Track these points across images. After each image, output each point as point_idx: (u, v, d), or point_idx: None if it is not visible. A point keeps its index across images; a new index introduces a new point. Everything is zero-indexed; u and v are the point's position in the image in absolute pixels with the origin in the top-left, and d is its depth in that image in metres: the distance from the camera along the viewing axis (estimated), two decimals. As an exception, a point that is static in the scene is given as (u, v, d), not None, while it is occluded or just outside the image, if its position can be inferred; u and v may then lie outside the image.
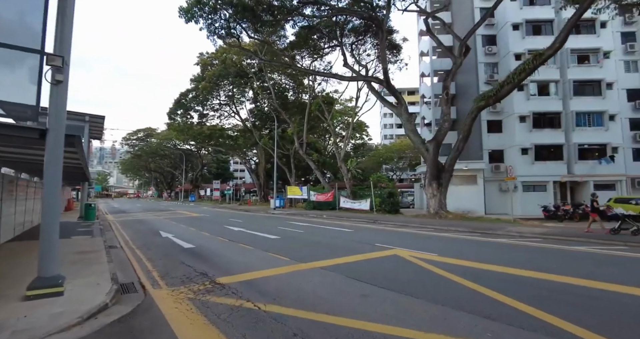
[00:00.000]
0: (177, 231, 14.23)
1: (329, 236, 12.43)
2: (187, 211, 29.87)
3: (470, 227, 15.14)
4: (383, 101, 24.71)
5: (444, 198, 20.63)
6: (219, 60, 37.48)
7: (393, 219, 19.50)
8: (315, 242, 10.84)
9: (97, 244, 10.06)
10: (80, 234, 12.32)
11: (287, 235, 12.65)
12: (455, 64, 21.15)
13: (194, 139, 49.54)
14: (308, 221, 19.35)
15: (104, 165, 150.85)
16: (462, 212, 23.05)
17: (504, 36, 30.24)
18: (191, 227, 15.75)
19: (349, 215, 23.13)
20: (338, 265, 7.35)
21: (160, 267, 7.36)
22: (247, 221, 19.65)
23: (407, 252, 8.91)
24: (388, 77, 22.19)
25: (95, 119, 20.59)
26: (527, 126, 28.43)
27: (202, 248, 9.81)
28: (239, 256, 8.47)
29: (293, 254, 8.65)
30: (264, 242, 10.79)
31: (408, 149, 55.16)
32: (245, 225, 16.79)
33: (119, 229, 15.38)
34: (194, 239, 11.85)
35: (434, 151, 20.33)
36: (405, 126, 22.74)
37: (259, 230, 14.34)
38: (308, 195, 31.92)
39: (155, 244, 10.86)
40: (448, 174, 20.60)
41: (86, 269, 6.47)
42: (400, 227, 15.78)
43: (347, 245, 10.21)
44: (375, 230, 14.81)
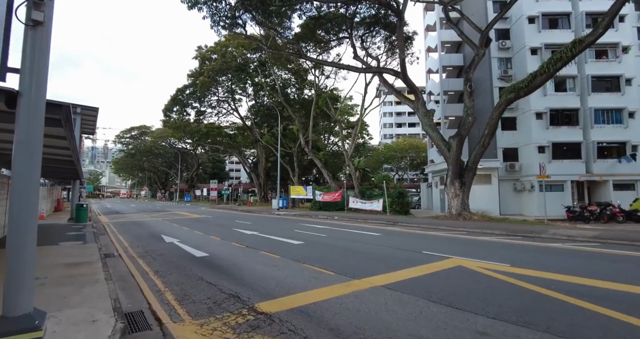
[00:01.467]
0: (182, 235, 12.54)
1: (359, 241, 10.85)
2: (186, 212, 28.07)
3: (507, 229, 13.68)
4: (398, 94, 23.24)
5: (466, 198, 19.21)
6: (218, 54, 35.70)
7: (413, 221, 17.99)
8: (350, 250, 9.26)
9: (91, 252, 8.36)
10: (70, 240, 10.57)
11: (311, 240, 11.04)
12: (477, 55, 19.75)
13: (191, 137, 47.63)
14: (322, 223, 17.75)
15: (96, 165, 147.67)
16: (481, 212, 21.68)
17: (519, 30, 28.99)
18: (196, 231, 14.05)
19: (361, 216, 21.59)
20: (404, 282, 5.78)
21: (174, 285, 5.72)
22: (255, 223, 17.99)
23: (470, 262, 7.38)
24: (405, 69, 20.72)
25: (88, 112, 18.75)
26: (543, 123, 27.22)
27: (218, 257, 8.17)
28: (269, 269, 6.85)
29: (335, 265, 7.06)
30: (290, 250, 9.18)
31: (410, 149, 53.97)
32: (256, 228, 15.14)
33: (115, 233, 13.63)
34: (204, 245, 10.19)
35: (457, 147, 18.89)
36: (423, 122, 21.28)
37: (275, 234, 12.72)
38: (313, 195, 30.32)
39: (160, 251, 9.19)
40: (471, 172, 19.19)
41: (77, 293, 4.79)
42: (429, 230, 14.26)
43: (391, 253, 8.64)
44: (404, 233, 13.27)
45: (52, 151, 7.35)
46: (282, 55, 27.82)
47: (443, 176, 29.36)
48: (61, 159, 8.83)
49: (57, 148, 6.77)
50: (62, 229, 13.69)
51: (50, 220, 19.24)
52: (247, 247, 9.64)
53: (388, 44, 27.83)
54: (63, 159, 8.81)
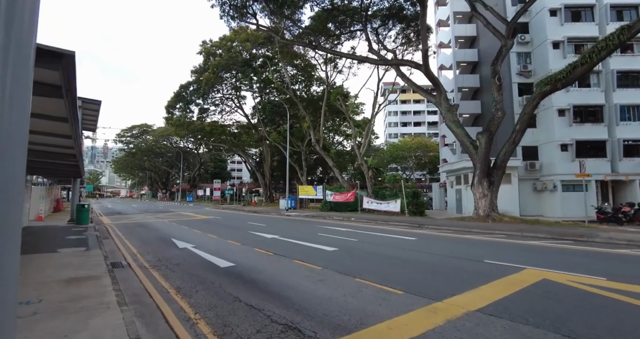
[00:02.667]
0: (195, 239, 11.24)
1: (399, 248, 9.56)
2: (192, 213, 26.76)
3: (549, 232, 12.39)
4: (418, 88, 21.94)
5: (495, 199, 17.95)
6: (223, 49, 34.38)
7: (439, 223, 16.70)
8: (396, 259, 7.97)
9: (96, 261, 7.07)
10: (70, 245, 9.27)
11: (344, 246, 9.75)
12: (505, 47, 18.49)
13: (194, 136, 46.32)
14: (341, 225, 16.46)
15: (96, 164, 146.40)
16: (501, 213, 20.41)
17: (540, 23, 27.73)
18: (210, 234, 12.75)
19: (379, 218, 20.30)
20: (498, 304, 4.50)
21: (205, 309, 4.43)
22: (270, 225, 16.69)
23: (553, 274, 6.10)
24: (427, 61, 19.47)
25: (90, 105, 17.45)
26: (566, 120, 25.97)
27: (247, 268, 6.88)
28: (317, 285, 5.56)
29: (396, 281, 5.78)
30: (327, 258, 7.89)
31: (419, 148, 52.65)
32: (273, 230, 13.85)
33: (120, 237, 12.33)
34: (224, 251, 8.90)
35: (486, 144, 17.61)
36: (447, 117, 20.01)
37: (297, 237, 11.43)
38: (324, 195, 29.01)
39: (175, 260, 7.90)
40: (500, 171, 17.93)
41: (83, 328, 3.49)
42: (464, 234, 12.96)
43: (450, 264, 7.35)
44: (441, 238, 11.98)
45: (48, 141, 6.07)
46: (295, 46, 26.50)
47: (460, 175, 28.15)
48: (60, 152, 7.55)
49: (54, 136, 5.48)
50: (61, 233, 12.38)
51: (49, 221, 17.94)
52: (275, 255, 8.35)
53: (404, 37, 26.56)
54: (62, 152, 7.53)
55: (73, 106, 3.62)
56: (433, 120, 78.93)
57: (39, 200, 19.84)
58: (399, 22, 25.37)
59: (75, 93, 3.37)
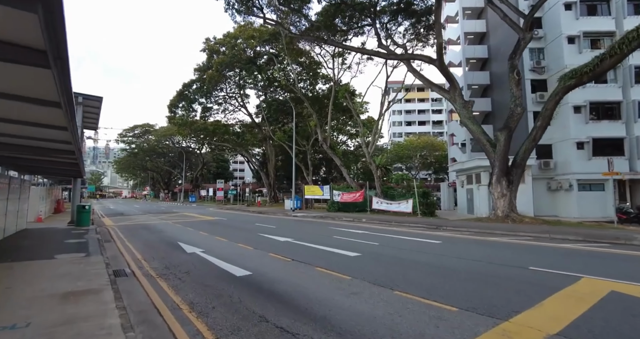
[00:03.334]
0: (203, 243, 10.49)
1: (428, 253, 8.77)
2: (196, 214, 26.02)
3: (579, 234, 11.57)
4: (430, 84, 21.15)
5: (514, 199, 17.13)
6: (227, 46, 33.65)
7: (457, 225, 15.89)
8: (430, 266, 7.19)
9: (96, 270, 6.32)
10: (69, 250, 8.52)
11: (366, 250, 8.96)
12: (523, 40, 17.68)
13: (197, 135, 45.63)
14: (355, 227, 15.68)
15: (98, 165, 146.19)
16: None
17: (554, 17, 26.86)
18: (218, 237, 12.00)
19: (390, 218, 19.51)
20: (576, 326, 3.72)
21: (228, 333, 3.66)
22: (280, 226, 15.93)
23: (619, 285, 5.32)
24: (442, 55, 18.67)
25: (91, 102, 16.75)
26: (582, 117, 25.11)
27: (267, 278, 6.11)
28: (352, 300, 4.79)
29: (441, 294, 5.00)
30: (352, 266, 7.12)
31: (425, 147, 51.82)
32: (285, 232, 13.09)
33: (123, 240, 11.59)
34: (237, 257, 8.14)
35: (506, 142, 16.80)
36: (462, 114, 19.20)
37: (313, 241, 10.65)
38: (331, 195, 28.22)
39: (184, 267, 7.14)
40: (520, 169, 17.12)
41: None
42: (488, 236, 12.15)
43: (492, 271, 6.56)
44: (466, 240, 11.17)
45: (40, 134, 5.34)
46: (301, 42, 25.73)
47: (471, 174, 27.33)
48: (55, 148, 6.81)
49: (45, 127, 4.73)
50: (60, 236, 11.65)
51: (49, 223, 17.24)
52: (293, 261, 7.58)
53: (414, 33, 25.74)
54: (58, 148, 6.79)
55: (65, 82, 2.83)
56: (438, 119, 78.13)
57: (39, 201, 19.14)
58: (409, 17, 24.57)
59: (67, 63, 2.59)
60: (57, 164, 10.43)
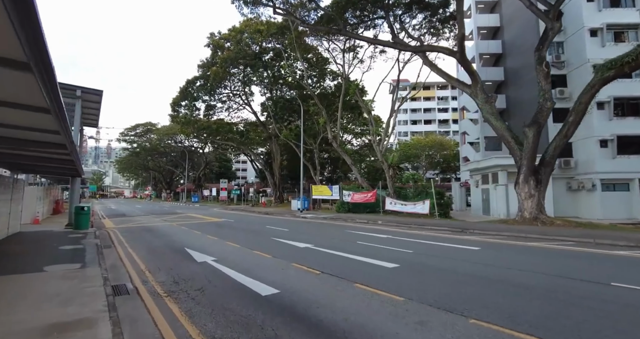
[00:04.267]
0: (214, 249, 9.38)
1: (473, 262, 7.62)
2: (200, 215, 24.94)
3: (628, 239, 10.41)
4: (449, 78, 20.02)
5: (543, 199, 15.98)
6: (233, 41, 32.53)
7: (484, 227, 14.73)
8: (489, 280, 6.05)
9: (92, 288, 5.22)
10: (62, 260, 7.42)
11: (403, 259, 7.82)
12: (552, 30, 16.52)
13: (200, 134, 44.55)
14: (375, 230, 14.55)
15: (99, 164, 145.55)
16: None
17: (575, 9, 25.65)
18: (229, 242, 10.88)
19: (408, 220, 18.36)
20: None
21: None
22: (292, 229, 14.82)
23: None
24: (464, 47, 17.55)
25: (90, 96, 15.70)
26: (606, 113, 23.92)
27: (301, 298, 4.99)
28: (422, 336, 3.67)
29: (533, 323, 3.86)
30: (396, 280, 5.99)
31: (433, 146, 50.64)
32: (301, 237, 11.98)
33: (124, 245, 10.49)
34: (256, 268, 7.02)
35: (534, 138, 15.64)
36: (484, 109, 18.07)
37: (336, 248, 9.53)
38: (340, 195, 27.09)
39: (197, 281, 6.03)
40: (549, 168, 15.96)
41: None
42: (526, 241, 10.97)
43: (571, 288, 5.41)
44: (506, 247, 10.01)
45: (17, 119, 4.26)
46: (309, 37, 24.62)
47: (487, 174, 26.18)
48: (42, 141, 5.73)
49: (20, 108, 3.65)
50: (55, 240, 10.56)
51: (46, 225, 16.17)
52: (323, 274, 6.46)
53: (429, 27, 24.55)
54: (45, 140, 5.70)
55: (36, 49, 1.80)
56: (444, 118, 76.88)
57: (36, 201, 18.09)
58: (424, 10, 23.41)
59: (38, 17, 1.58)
60: (48, 160, 9.34)
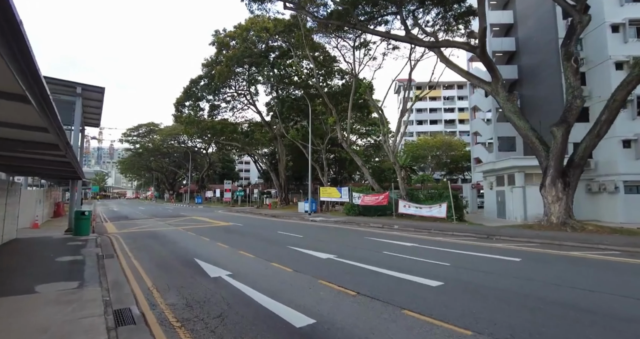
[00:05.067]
0: (227, 261, 8.47)
1: (532, 280, 6.66)
2: (206, 218, 24.05)
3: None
4: (468, 75, 19.11)
5: (571, 203, 15.01)
6: (239, 39, 31.68)
7: (509, 233, 13.76)
8: (565, 305, 5.09)
9: (90, 316, 4.32)
10: (58, 277, 6.52)
11: (444, 276, 6.87)
12: (580, 23, 15.58)
13: (203, 134, 43.73)
14: (395, 237, 13.61)
15: (102, 165, 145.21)
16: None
17: (596, 4, 24.51)
18: (241, 251, 9.97)
19: (425, 225, 17.41)
20: None
21: None
22: (307, 235, 13.88)
23: None
24: (485, 43, 16.63)
25: (91, 93, 14.84)
26: (629, 113, 22.92)
27: (344, 333, 4.08)
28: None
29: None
30: (449, 305, 5.05)
31: (442, 147, 49.60)
32: (318, 245, 11.06)
33: (128, 255, 9.60)
34: (279, 286, 6.10)
35: (563, 138, 14.69)
36: (506, 108, 17.12)
37: (362, 259, 8.61)
38: (350, 197, 26.17)
39: (214, 305, 5.13)
40: (579, 170, 15.00)
41: None
42: (561, 249, 10.00)
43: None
44: (546, 256, 9.06)
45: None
46: (318, 34, 23.74)
47: (502, 175, 25.20)
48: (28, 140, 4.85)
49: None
50: (52, 249, 9.68)
51: (45, 230, 15.33)
52: (361, 296, 5.53)
53: (442, 23, 23.57)
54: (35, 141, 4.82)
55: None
56: (450, 118, 75.82)
57: (35, 204, 17.26)
58: (439, 5, 22.45)
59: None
60: (46, 162, 8.47)
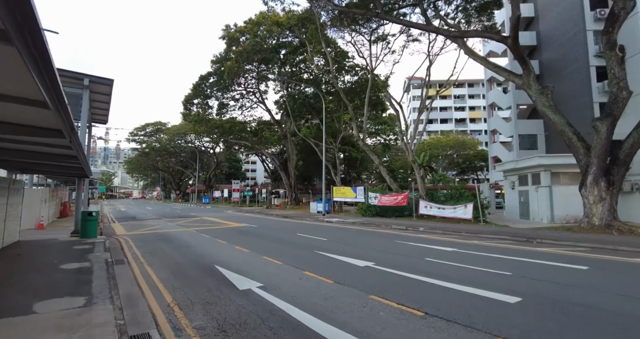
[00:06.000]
0: (254, 269, 7.45)
1: (622, 294, 5.59)
2: (218, 218, 23.10)
3: None
4: (496, 68, 17.95)
5: (615, 204, 13.83)
6: (250, 34, 30.73)
7: (548, 236, 12.59)
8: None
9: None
10: (61, 291, 5.54)
11: (516, 288, 5.78)
12: (624, 9, 14.38)
13: (211, 133, 42.87)
14: (428, 240, 12.54)
15: (108, 165, 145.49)
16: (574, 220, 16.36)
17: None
18: (266, 256, 8.95)
19: (452, 227, 16.28)
20: None
21: None
22: (331, 238, 12.84)
23: None
24: (517, 32, 15.51)
25: (99, 86, 13.93)
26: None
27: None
28: None
29: None
30: (548, 329, 3.99)
31: (454, 146, 48.43)
32: (349, 250, 10.02)
33: (140, 260, 8.63)
34: (323, 302, 5.07)
35: (608, 133, 13.52)
36: (539, 101, 15.94)
37: (405, 267, 7.55)
38: (366, 197, 25.08)
39: (256, 332, 4.11)
40: (624, 168, 13.81)
41: None
42: (623, 256, 8.87)
43: None
44: (617, 265, 7.91)
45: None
46: (331, 29, 22.71)
47: (525, 175, 23.96)
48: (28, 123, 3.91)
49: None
50: (57, 255, 8.75)
51: (50, 231, 14.47)
52: (431, 317, 4.48)
53: (464, 16, 22.42)
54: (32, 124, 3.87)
55: None
56: (461, 117, 74.43)
57: (40, 204, 16.45)
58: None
59: None
60: (49, 157, 7.55)
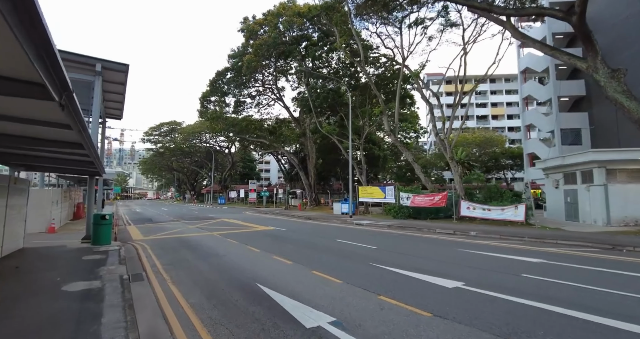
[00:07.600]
0: (311, 291, 5.73)
1: None
2: (239, 220, 21.51)
3: None
4: (553, 51, 15.86)
5: None
6: (269, 25, 29.18)
7: (630, 242, 10.53)
8: None
9: None
10: (61, 331, 3.94)
11: None
12: None
13: (228, 131, 41.61)
14: (492, 248, 10.63)
15: (124, 166, 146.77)
16: None
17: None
18: (318, 272, 7.22)
19: (505, 230, 14.28)
20: None
21: None
22: (382, 248, 11.04)
23: None
24: (585, 8, 13.47)
25: (113, 73, 12.48)
26: None
27: None
28: None
29: None
30: None
31: (481, 144, 45.94)
32: (412, 263, 8.21)
33: (163, 276, 7.00)
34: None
35: None
36: (609, 87, 13.83)
37: (509, 290, 5.74)
38: (397, 197, 23.16)
39: None
40: None
41: None
42: None
43: None
44: None
45: None
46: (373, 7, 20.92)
47: (573, 172, 21.68)
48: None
49: None
50: (63, 268, 7.21)
51: (61, 235, 13.10)
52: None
53: None
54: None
55: None
56: (482, 114, 71.60)
57: (51, 205, 15.11)
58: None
59: None
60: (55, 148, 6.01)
